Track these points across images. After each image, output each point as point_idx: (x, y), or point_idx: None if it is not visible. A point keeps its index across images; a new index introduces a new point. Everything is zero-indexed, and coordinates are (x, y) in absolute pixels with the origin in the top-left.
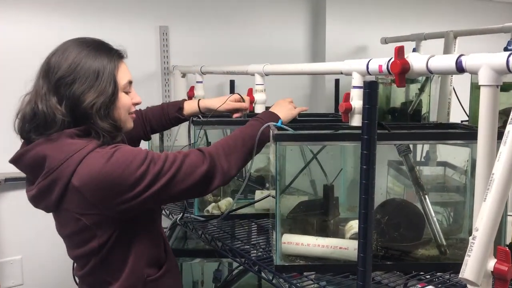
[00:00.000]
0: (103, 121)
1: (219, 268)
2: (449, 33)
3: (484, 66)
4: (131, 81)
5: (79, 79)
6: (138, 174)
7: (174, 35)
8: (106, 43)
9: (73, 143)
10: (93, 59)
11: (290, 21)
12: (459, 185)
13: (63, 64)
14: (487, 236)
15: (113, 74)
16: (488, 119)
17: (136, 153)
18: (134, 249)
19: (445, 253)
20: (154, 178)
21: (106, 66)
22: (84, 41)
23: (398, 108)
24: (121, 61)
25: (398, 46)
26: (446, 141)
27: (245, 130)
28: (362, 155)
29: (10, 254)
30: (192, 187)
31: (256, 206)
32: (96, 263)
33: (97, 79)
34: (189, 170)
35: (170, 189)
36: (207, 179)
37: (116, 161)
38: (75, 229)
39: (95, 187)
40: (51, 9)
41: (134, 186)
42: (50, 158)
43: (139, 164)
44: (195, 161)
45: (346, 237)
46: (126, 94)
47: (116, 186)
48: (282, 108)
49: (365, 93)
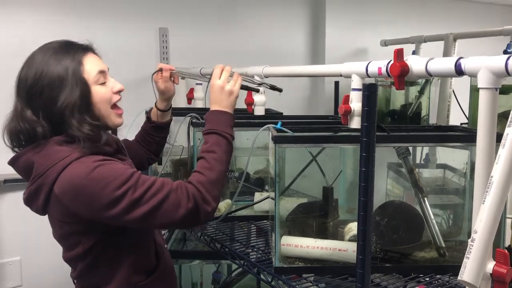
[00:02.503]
0: (81, 124)
1: (218, 270)
2: (448, 36)
3: (483, 69)
4: (103, 71)
5: (46, 86)
6: (114, 196)
7: (174, 37)
8: (69, 41)
9: (60, 150)
10: (56, 63)
11: (290, 23)
12: (458, 188)
13: (29, 76)
14: (486, 239)
15: (78, 72)
16: (487, 122)
17: (118, 174)
18: (121, 256)
19: (444, 255)
20: (132, 205)
21: (69, 66)
22: (46, 47)
23: (398, 110)
24: (87, 55)
25: (398, 49)
26: (446, 143)
27: (215, 156)
28: (361, 157)
29: (9, 255)
30: (172, 224)
31: (255, 208)
32: (84, 268)
33: (63, 82)
34: (170, 209)
35: (149, 220)
36: (188, 220)
37: (95, 177)
38: (61, 234)
39: (74, 197)
40: (51, 11)
41: (110, 207)
42: (37, 164)
43: (117, 186)
44: (179, 201)
45: (345, 239)
46: (102, 86)
47: (93, 202)
48: (220, 99)
49: (364, 95)
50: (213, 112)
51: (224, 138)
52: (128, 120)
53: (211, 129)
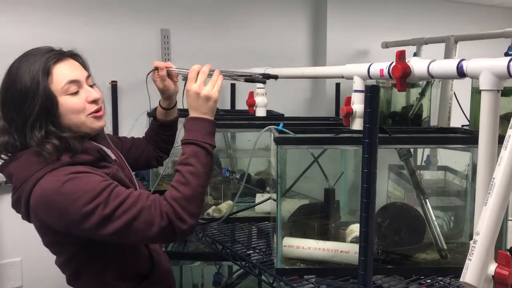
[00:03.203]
0: (45, 136)
1: (219, 271)
2: (450, 38)
3: (485, 71)
4: (74, 80)
5: (14, 97)
6: (84, 211)
7: (176, 38)
8: (48, 48)
9: (35, 162)
10: (25, 72)
11: (291, 25)
12: (460, 189)
13: (4, 84)
14: (488, 240)
15: (42, 83)
16: (489, 124)
17: (89, 188)
18: (106, 264)
19: (446, 257)
20: (102, 220)
21: (35, 76)
22: (25, 54)
23: (399, 112)
24: (61, 63)
25: (400, 50)
26: (447, 145)
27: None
28: (363, 159)
29: (10, 256)
30: (146, 240)
31: (257, 209)
32: (71, 275)
33: (27, 93)
34: (142, 226)
35: (122, 236)
36: (162, 237)
37: (65, 191)
38: (45, 242)
39: (46, 211)
40: (53, 13)
41: (81, 222)
42: (14, 177)
43: (86, 201)
44: (152, 219)
45: (347, 240)
46: (73, 96)
47: (64, 216)
48: (197, 105)
49: (366, 97)
50: (191, 120)
51: (202, 148)
52: (130, 121)
53: (188, 139)
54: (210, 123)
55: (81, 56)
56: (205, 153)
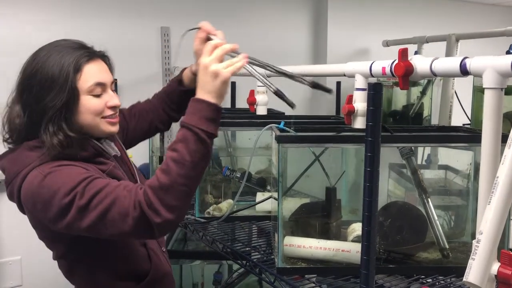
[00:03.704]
0: (57, 130)
1: (219, 270)
2: (451, 36)
3: (489, 68)
4: (101, 83)
5: (37, 84)
6: (63, 204)
7: (176, 36)
8: (80, 44)
9: (27, 156)
10: (54, 63)
11: (292, 23)
12: (461, 189)
13: (28, 70)
14: (492, 240)
15: (71, 78)
16: (492, 122)
17: (66, 180)
18: (100, 262)
19: (448, 256)
20: (79, 213)
21: (65, 69)
22: (54, 44)
23: (400, 111)
24: (92, 62)
25: (402, 48)
26: (450, 144)
27: (174, 155)
28: (366, 157)
29: (9, 254)
30: (123, 234)
31: (257, 208)
32: (66, 272)
33: (53, 84)
34: (116, 217)
35: (99, 229)
36: (140, 231)
37: (45, 185)
38: (39, 237)
39: (33, 205)
40: (53, 9)
41: (61, 216)
42: (7, 171)
43: (65, 193)
44: (125, 209)
45: (349, 239)
46: (96, 97)
47: (48, 210)
48: (203, 81)
49: (369, 95)
50: (192, 100)
51: (193, 134)
52: None
53: (183, 121)
54: (210, 107)
55: (109, 58)
56: (195, 139)
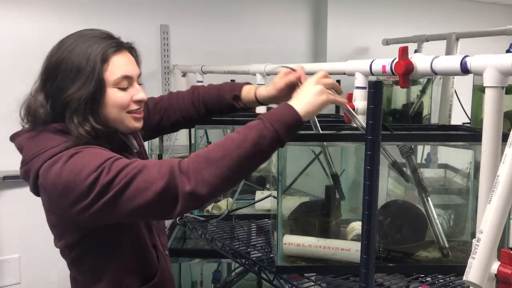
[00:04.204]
0: (82, 122)
1: (218, 268)
2: (451, 35)
3: (490, 67)
4: (128, 76)
5: (62, 74)
6: (88, 182)
7: (175, 34)
8: (108, 34)
9: (51, 139)
10: (81, 52)
11: (292, 21)
12: (461, 187)
13: (53, 58)
14: (492, 239)
15: (99, 69)
16: (493, 121)
17: (91, 159)
18: (110, 258)
19: (448, 255)
20: (104, 189)
21: (92, 59)
22: (81, 33)
23: (399, 109)
24: (119, 54)
25: (402, 47)
26: (451, 142)
27: (235, 135)
28: (366, 156)
29: (7, 252)
30: (146, 207)
31: (257, 207)
32: (71, 262)
33: (79, 74)
34: (142, 186)
35: (118, 206)
36: (166, 199)
37: (69, 166)
38: (49, 222)
39: (53, 188)
40: (51, 8)
41: (85, 195)
42: (26, 150)
43: (90, 171)
44: (153, 176)
45: (348, 238)
46: (122, 90)
47: (70, 193)
48: (305, 95)
49: (370, 93)
50: (284, 104)
51: (265, 128)
52: None
53: (263, 114)
54: (296, 117)
55: (136, 50)
56: (261, 127)
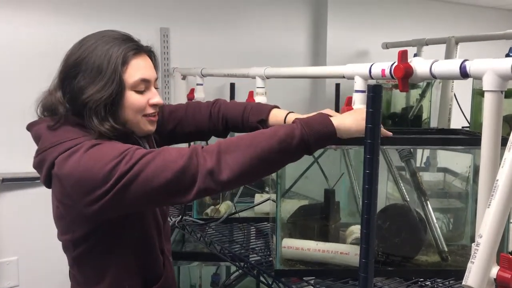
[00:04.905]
0: (102, 121)
1: (217, 272)
2: (450, 39)
3: (489, 71)
4: (146, 79)
5: (82, 73)
6: (106, 169)
7: (175, 37)
8: (128, 36)
9: (69, 131)
10: (101, 54)
11: (292, 25)
12: (460, 191)
13: (73, 57)
14: (491, 243)
15: (118, 71)
16: (492, 125)
17: (111, 149)
18: (116, 257)
19: (447, 259)
20: (123, 174)
21: (113, 61)
22: (102, 34)
23: (399, 113)
24: (139, 57)
25: (402, 50)
26: (450, 146)
27: (267, 130)
28: (365, 160)
29: (6, 255)
30: (164, 188)
31: (256, 210)
32: (74, 258)
33: (99, 75)
34: (160, 164)
35: (135, 187)
36: (184, 178)
37: (89, 155)
38: (56, 214)
39: (68, 177)
40: (51, 11)
41: (102, 183)
42: (43, 139)
43: (109, 159)
44: (173, 156)
45: (347, 242)
46: (139, 94)
47: (87, 181)
48: (350, 114)
49: (369, 96)
50: (323, 115)
51: (298, 130)
52: None
53: (300, 118)
54: (330, 130)
55: (155, 54)
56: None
